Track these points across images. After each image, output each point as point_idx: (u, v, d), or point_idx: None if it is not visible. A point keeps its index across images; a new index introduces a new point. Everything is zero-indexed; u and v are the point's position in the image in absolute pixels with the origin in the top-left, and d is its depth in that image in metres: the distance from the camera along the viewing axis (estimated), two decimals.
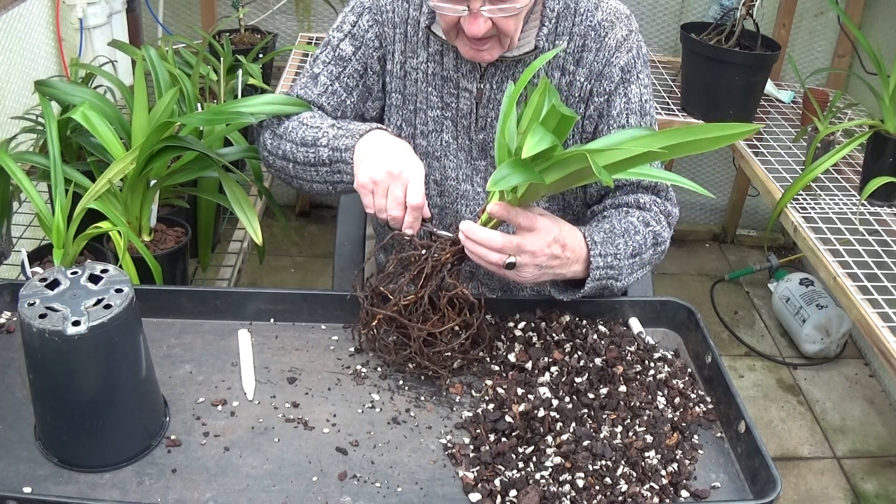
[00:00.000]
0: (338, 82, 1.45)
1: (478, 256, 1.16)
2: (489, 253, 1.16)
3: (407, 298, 1.18)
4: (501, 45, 1.31)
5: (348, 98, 1.45)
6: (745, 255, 3.45)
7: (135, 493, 0.98)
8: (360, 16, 1.44)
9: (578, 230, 1.27)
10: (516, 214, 1.16)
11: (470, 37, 1.27)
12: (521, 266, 1.18)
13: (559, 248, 1.21)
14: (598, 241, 1.27)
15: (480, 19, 1.24)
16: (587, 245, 1.26)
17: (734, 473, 1.08)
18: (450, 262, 1.19)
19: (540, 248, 1.18)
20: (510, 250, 1.16)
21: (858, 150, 2.22)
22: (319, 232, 3.34)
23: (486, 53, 1.31)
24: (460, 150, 1.45)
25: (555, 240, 1.19)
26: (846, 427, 2.61)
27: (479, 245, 1.15)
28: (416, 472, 1.04)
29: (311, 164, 1.36)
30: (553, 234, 1.19)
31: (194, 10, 2.95)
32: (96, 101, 1.57)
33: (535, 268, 1.19)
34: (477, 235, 1.15)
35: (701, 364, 1.25)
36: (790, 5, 2.89)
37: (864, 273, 1.82)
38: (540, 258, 1.19)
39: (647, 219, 1.36)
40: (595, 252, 1.25)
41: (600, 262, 1.26)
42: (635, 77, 1.39)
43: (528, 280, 1.21)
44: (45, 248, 1.51)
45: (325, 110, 1.45)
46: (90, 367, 0.96)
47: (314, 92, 1.45)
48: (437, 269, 1.18)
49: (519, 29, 1.30)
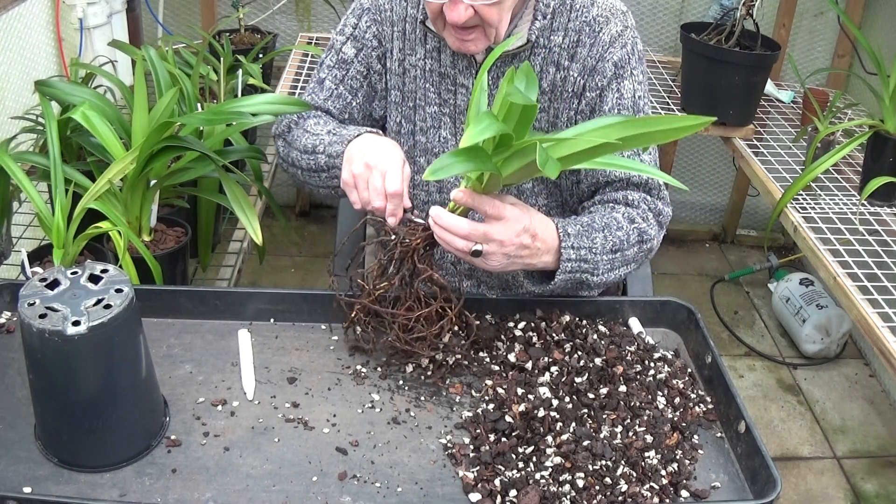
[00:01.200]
0: (342, 85, 1.46)
1: (445, 242, 1.16)
2: (455, 239, 1.15)
3: (380, 286, 1.19)
4: (487, 36, 1.31)
5: (353, 100, 1.47)
6: (745, 255, 3.45)
7: (135, 493, 0.98)
8: (360, 17, 1.45)
9: (552, 221, 1.26)
10: (482, 202, 1.14)
11: (451, 24, 1.28)
12: (488, 254, 1.17)
13: (529, 237, 1.19)
14: (572, 233, 1.26)
15: (461, 6, 1.24)
16: (559, 237, 1.25)
17: (734, 473, 1.08)
18: (420, 247, 1.18)
19: (508, 237, 1.17)
20: (476, 238, 1.15)
21: (858, 150, 2.22)
22: (319, 232, 3.34)
23: (471, 44, 1.31)
24: (458, 147, 1.45)
25: (524, 229, 1.18)
26: (846, 427, 2.61)
27: (445, 231, 1.15)
28: (416, 472, 1.04)
29: (313, 171, 1.39)
30: (523, 223, 1.18)
31: (194, 10, 2.95)
32: (96, 100, 1.57)
33: (503, 256, 1.18)
34: (444, 221, 1.14)
35: (701, 364, 1.25)
36: (790, 5, 2.89)
37: (864, 273, 1.82)
38: (508, 247, 1.17)
39: (633, 215, 1.34)
40: (567, 244, 1.25)
41: (572, 254, 1.25)
42: (629, 73, 1.38)
43: (495, 268, 1.21)
44: (45, 248, 1.51)
45: (332, 114, 1.47)
46: (90, 367, 0.96)
47: (320, 97, 1.47)
48: (409, 254, 1.18)
49: (504, 20, 1.30)
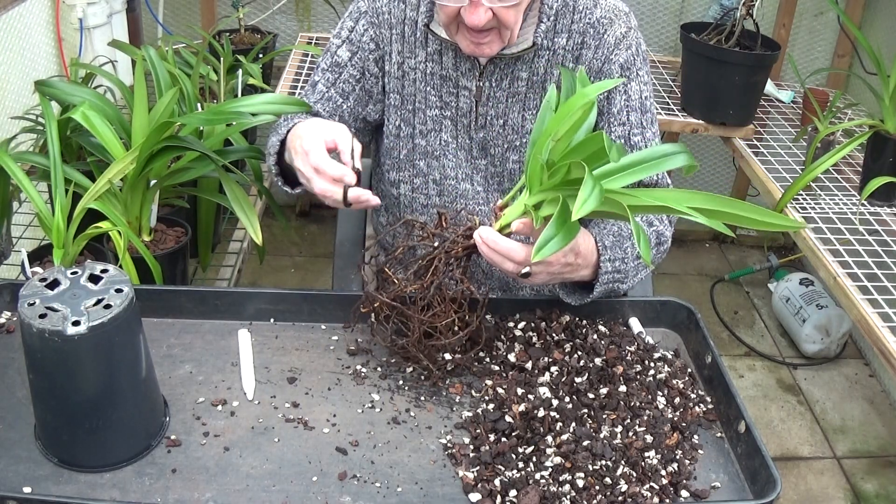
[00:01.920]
0: (333, 88, 1.46)
1: (496, 263, 1.16)
2: (507, 263, 1.16)
3: (413, 286, 1.18)
4: (501, 38, 1.31)
5: (344, 103, 1.46)
6: (745, 255, 3.45)
7: (135, 493, 0.98)
8: (357, 21, 1.45)
9: (590, 235, 1.27)
10: (539, 231, 1.16)
11: (470, 27, 1.27)
12: (535, 274, 1.19)
13: (573, 256, 1.22)
14: (608, 245, 1.27)
15: (481, 9, 1.24)
16: (598, 250, 1.26)
17: (734, 473, 1.08)
18: (461, 256, 1.19)
19: (556, 258, 1.19)
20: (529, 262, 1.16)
21: (858, 150, 2.22)
22: (319, 232, 3.34)
23: (486, 47, 1.31)
24: (460, 149, 1.45)
25: (570, 249, 1.20)
26: (846, 427, 2.61)
27: (498, 254, 1.15)
28: (416, 472, 1.04)
29: (275, 174, 1.42)
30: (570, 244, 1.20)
31: (194, 10, 2.95)
32: (96, 100, 1.57)
33: (547, 275, 1.21)
34: (500, 246, 1.14)
35: (701, 364, 1.25)
36: (790, 5, 2.89)
37: (864, 273, 1.82)
38: (554, 267, 1.20)
39: (651, 219, 1.38)
40: (605, 257, 1.26)
41: (609, 266, 1.26)
42: (635, 74, 1.39)
43: (535, 284, 1.24)
44: (45, 248, 1.51)
45: (322, 116, 1.46)
46: (90, 367, 0.96)
47: (311, 99, 1.47)
48: (447, 262, 1.18)
49: (519, 22, 1.30)
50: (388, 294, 1.19)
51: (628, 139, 1.39)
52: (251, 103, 1.48)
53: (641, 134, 1.40)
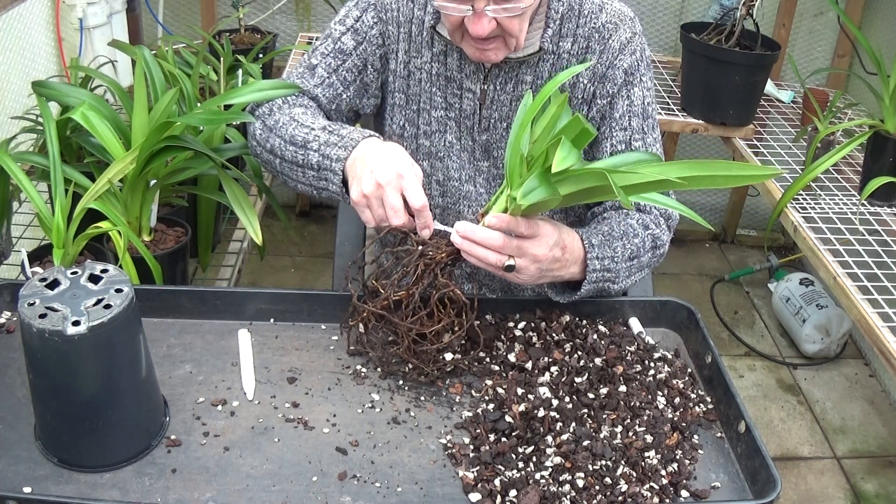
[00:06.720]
0: (335, 75, 1.43)
1: (476, 258, 1.15)
2: (488, 253, 1.15)
3: (398, 294, 1.18)
4: (507, 45, 1.30)
5: (344, 92, 1.44)
6: (745, 255, 3.45)
7: (135, 493, 0.98)
8: (365, 11, 1.42)
9: (576, 232, 1.27)
10: (517, 224, 1.15)
11: (474, 37, 1.26)
12: (521, 268, 1.18)
13: (560, 251, 1.21)
14: (596, 243, 1.27)
15: (485, 19, 1.23)
16: (584, 247, 1.26)
17: (734, 473, 1.08)
18: (444, 261, 1.18)
19: (542, 252, 1.18)
20: (510, 250, 1.15)
21: (858, 150, 2.22)
22: (319, 232, 3.34)
23: (491, 54, 1.31)
24: (463, 151, 1.45)
25: (556, 243, 1.20)
26: (846, 427, 2.61)
27: (477, 245, 1.15)
28: (416, 472, 1.04)
29: (298, 165, 1.32)
30: (554, 237, 1.20)
31: (194, 10, 2.95)
32: (93, 102, 1.57)
33: (536, 270, 1.20)
34: (476, 235, 1.14)
35: (701, 364, 1.25)
36: (790, 5, 2.89)
37: (864, 273, 1.82)
38: (542, 262, 1.19)
39: (647, 221, 1.36)
40: (592, 255, 1.26)
41: (597, 264, 1.26)
42: (638, 79, 1.39)
43: (526, 281, 1.22)
44: (45, 248, 1.50)
45: (319, 102, 1.44)
46: (90, 367, 0.96)
47: (311, 83, 1.43)
48: (431, 267, 1.18)
49: (524, 30, 1.29)
50: (374, 304, 1.19)
51: (629, 144, 1.39)
52: (241, 92, 1.46)
53: (642, 139, 1.39)
